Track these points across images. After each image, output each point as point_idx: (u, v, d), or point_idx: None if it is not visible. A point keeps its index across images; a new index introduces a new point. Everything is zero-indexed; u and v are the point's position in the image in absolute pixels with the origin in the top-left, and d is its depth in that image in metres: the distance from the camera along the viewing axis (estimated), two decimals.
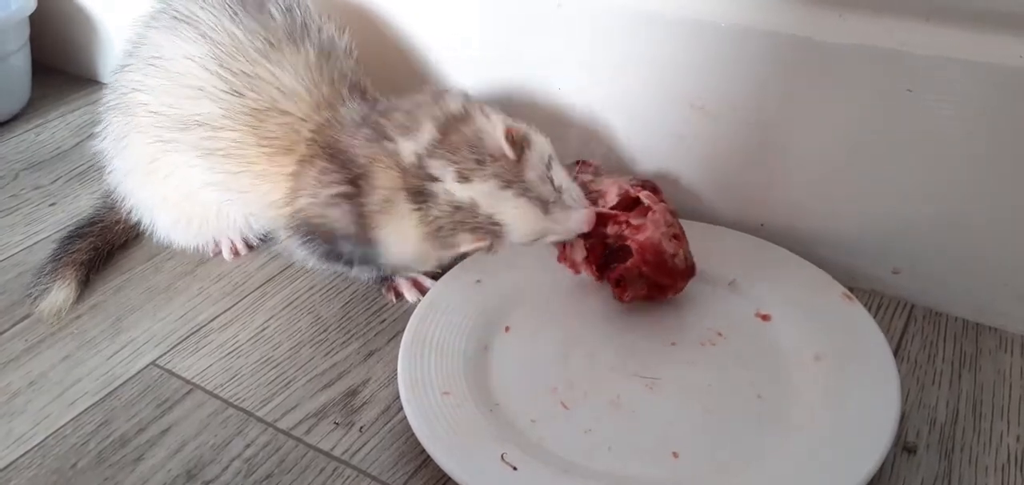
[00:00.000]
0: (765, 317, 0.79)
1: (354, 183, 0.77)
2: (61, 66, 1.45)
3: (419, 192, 0.75)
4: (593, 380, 0.74)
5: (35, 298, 0.88)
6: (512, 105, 0.87)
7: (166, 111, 0.83)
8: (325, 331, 0.84)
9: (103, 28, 1.38)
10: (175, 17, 0.83)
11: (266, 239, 0.94)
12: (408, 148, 0.75)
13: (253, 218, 0.90)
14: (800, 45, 0.80)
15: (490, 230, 0.74)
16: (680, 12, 0.85)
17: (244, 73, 0.80)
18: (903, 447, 0.69)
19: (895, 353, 0.77)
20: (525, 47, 0.96)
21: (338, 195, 0.78)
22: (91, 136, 1.22)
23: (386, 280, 0.88)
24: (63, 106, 1.35)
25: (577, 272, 0.81)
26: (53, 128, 1.28)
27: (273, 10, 0.83)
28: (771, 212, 0.89)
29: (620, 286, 0.79)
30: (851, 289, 0.81)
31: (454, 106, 0.77)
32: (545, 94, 0.97)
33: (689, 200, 0.93)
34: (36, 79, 1.36)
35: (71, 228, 0.96)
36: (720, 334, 0.78)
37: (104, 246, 0.95)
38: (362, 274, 0.87)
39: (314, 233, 0.81)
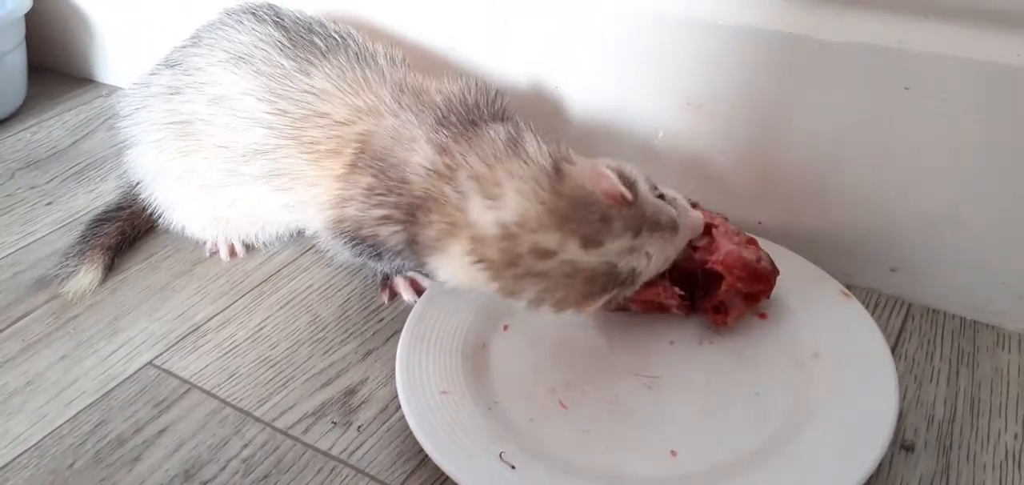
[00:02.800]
0: (763, 316, 0.79)
1: (407, 210, 0.75)
2: (57, 65, 1.45)
3: (510, 265, 0.69)
4: (592, 379, 0.74)
5: (62, 279, 0.90)
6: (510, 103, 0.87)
7: (232, 145, 0.84)
8: (323, 330, 0.84)
9: (99, 28, 1.37)
10: (235, 54, 0.84)
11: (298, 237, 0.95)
12: (488, 218, 0.70)
13: (310, 227, 0.88)
14: (798, 43, 0.80)
15: (623, 283, 0.70)
16: (677, 10, 0.85)
17: (287, 93, 0.81)
18: (901, 445, 0.69)
19: (893, 351, 0.77)
20: (522, 45, 0.96)
21: (386, 218, 0.76)
22: (88, 135, 1.24)
23: (385, 280, 0.88)
24: (59, 105, 1.34)
25: (669, 310, 0.77)
26: (49, 127, 1.28)
27: (316, 39, 0.85)
28: (768, 210, 0.89)
29: (721, 312, 0.77)
30: (849, 287, 0.81)
31: (544, 160, 0.70)
32: (542, 92, 0.97)
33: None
34: (32, 78, 1.36)
35: (99, 212, 0.98)
36: (718, 333, 0.78)
37: (131, 231, 0.97)
38: (385, 269, 0.87)
39: (363, 241, 0.80)
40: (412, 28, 1.03)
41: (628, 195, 0.68)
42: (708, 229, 0.78)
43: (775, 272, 0.77)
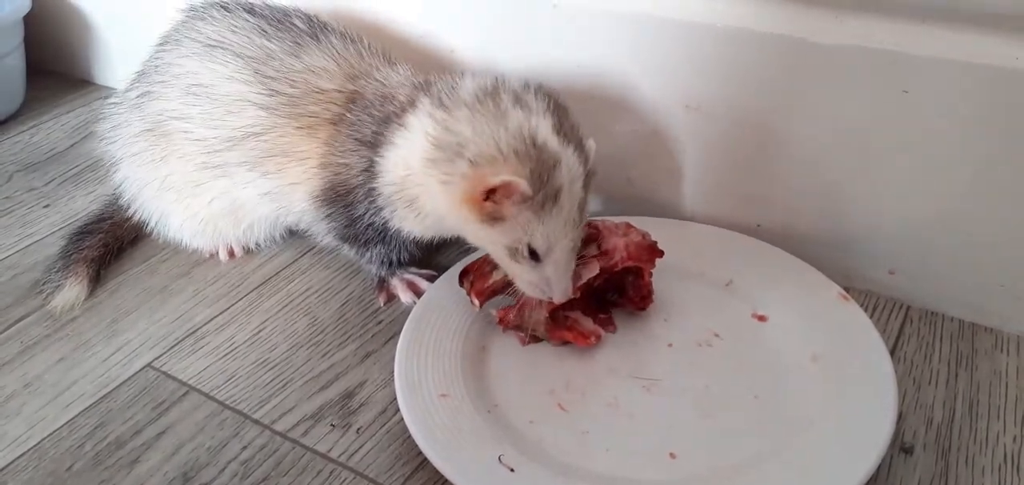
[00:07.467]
0: (762, 318, 0.79)
1: (380, 123, 0.78)
2: (56, 67, 1.45)
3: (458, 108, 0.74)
4: (591, 382, 0.74)
5: (47, 294, 0.89)
6: None
7: (211, 135, 0.84)
8: (322, 333, 0.84)
9: (98, 30, 1.37)
10: (207, 44, 0.85)
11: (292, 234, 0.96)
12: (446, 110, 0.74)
13: (292, 213, 0.88)
14: (796, 46, 0.80)
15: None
16: (676, 13, 0.85)
17: (279, 72, 0.82)
18: (900, 447, 0.69)
19: (892, 353, 0.77)
20: (520, 48, 0.96)
21: (358, 142, 0.79)
22: (86, 138, 1.24)
23: (382, 282, 0.88)
24: (58, 108, 1.34)
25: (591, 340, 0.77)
26: (48, 129, 1.28)
27: (297, 21, 0.86)
28: (767, 213, 0.90)
29: (648, 297, 0.79)
30: (847, 290, 0.81)
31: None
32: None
33: (685, 202, 0.93)
34: (31, 80, 1.36)
35: (80, 225, 0.97)
36: (717, 335, 0.78)
37: (114, 243, 0.96)
38: (372, 265, 0.87)
39: (337, 200, 0.81)
40: (413, 31, 1.03)
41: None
42: (593, 237, 0.78)
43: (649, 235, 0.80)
